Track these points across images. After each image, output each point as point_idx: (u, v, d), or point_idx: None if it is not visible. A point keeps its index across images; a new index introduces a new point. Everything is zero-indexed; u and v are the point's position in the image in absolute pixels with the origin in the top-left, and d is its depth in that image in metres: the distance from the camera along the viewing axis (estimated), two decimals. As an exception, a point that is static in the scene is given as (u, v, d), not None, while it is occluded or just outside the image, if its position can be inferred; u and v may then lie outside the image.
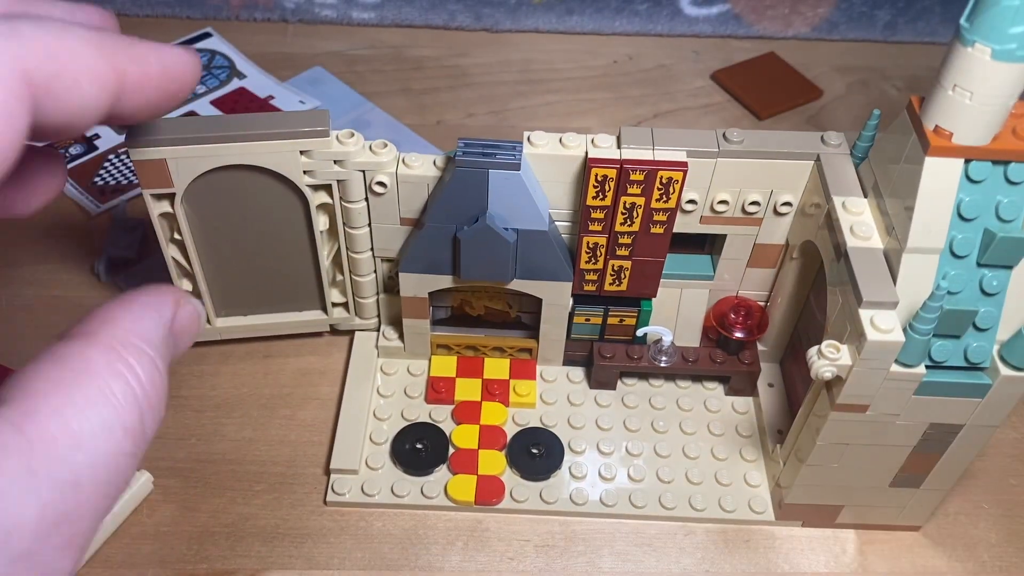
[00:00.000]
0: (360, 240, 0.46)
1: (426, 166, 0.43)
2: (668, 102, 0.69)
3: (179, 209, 0.43)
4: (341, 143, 0.42)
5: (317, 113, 0.42)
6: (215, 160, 0.41)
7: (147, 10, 0.74)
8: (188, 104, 0.66)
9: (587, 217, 0.42)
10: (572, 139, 0.42)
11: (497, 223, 0.42)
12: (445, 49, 0.73)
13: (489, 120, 0.67)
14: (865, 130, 0.41)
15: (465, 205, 0.42)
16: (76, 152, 0.62)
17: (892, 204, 0.38)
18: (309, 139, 0.41)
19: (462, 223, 0.42)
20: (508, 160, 0.40)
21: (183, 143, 0.40)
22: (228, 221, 0.45)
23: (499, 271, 0.44)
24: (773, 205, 0.44)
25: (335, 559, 0.43)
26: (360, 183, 0.43)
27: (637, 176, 0.41)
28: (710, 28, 0.75)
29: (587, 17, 0.75)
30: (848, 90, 0.71)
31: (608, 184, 0.41)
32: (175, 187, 0.42)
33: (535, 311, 0.48)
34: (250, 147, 0.41)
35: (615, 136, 0.42)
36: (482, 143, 0.41)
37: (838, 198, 0.40)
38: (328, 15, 0.74)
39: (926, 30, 0.75)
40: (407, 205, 0.44)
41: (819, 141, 0.43)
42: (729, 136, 0.42)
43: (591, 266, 0.45)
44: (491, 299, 0.48)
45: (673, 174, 0.41)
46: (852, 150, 0.42)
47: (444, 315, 0.50)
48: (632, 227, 0.43)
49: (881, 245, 0.38)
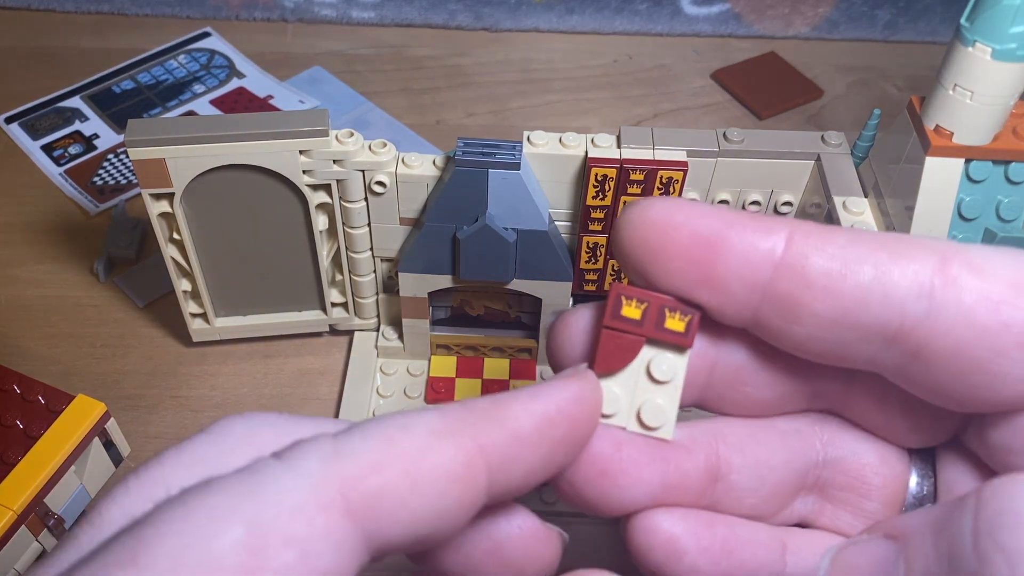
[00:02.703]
0: (359, 240, 0.46)
1: (425, 166, 0.43)
2: (668, 102, 0.69)
3: (178, 209, 0.43)
4: (340, 143, 0.42)
5: (316, 112, 0.42)
6: (214, 160, 0.41)
7: (147, 10, 0.74)
8: (187, 104, 0.66)
9: (587, 217, 0.42)
10: (572, 139, 0.42)
11: (497, 223, 0.42)
12: (445, 49, 0.73)
13: (489, 120, 0.67)
14: (866, 130, 0.41)
15: (465, 205, 0.42)
16: (75, 152, 0.62)
17: (893, 204, 0.38)
18: (308, 139, 0.41)
19: (462, 223, 0.42)
20: (508, 160, 0.40)
21: (182, 142, 0.40)
22: (227, 221, 0.45)
23: (499, 271, 0.44)
24: (774, 205, 0.44)
25: (335, 559, 0.43)
26: (359, 183, 0.43)
27: (637, 176, 0.40)
28: (710, 27, 0.75)
29: (587, 16, 0.75)
30: (848, 90, 0.71)
31: (608, 184, 0.41)
32: (174, 187, 0.42)
33: (535, 311, 0.48)
34: (249, 147, 0.41)
35: (615, 136, 0.42)
36: (482, 143, 0.41)
37: (839, 198, 0.40)
38: (328, 15, 0.74)
39: (927, 30, 0.75)
40: (406, 205, 0.44)
41: (819, 141, 0.43)
42: (729, 136, 0.42)
43: (591, 266, 0.44)
44: (491, 299, 0.48)
45: (673, 174, 0.40)
46: (852, 150, 0.42)
47: (444, 315, 0.50)
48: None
49: None
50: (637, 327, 0.21)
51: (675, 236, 0.20)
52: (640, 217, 0.20)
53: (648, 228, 0.20)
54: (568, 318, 0.22)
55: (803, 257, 0.19)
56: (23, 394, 0.41)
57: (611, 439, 0.21)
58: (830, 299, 0.19)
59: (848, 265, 0.19)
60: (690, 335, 0.21)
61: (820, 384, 0.22)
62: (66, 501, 0.40)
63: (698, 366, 0.22)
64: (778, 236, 0.19)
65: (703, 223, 0.20)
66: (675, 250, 0.20)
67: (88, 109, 0.65)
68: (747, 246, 0.19)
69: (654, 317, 0.21)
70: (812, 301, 0.19)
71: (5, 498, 0.37)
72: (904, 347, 0.19)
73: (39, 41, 0.72)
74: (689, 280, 0.20)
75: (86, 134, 0.64)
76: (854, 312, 0.19)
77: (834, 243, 0.19)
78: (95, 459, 0.41)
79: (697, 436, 0.22)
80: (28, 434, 0.39)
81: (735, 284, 0.20)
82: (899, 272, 0.19)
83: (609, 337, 0.21)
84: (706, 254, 0.20)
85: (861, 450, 0.23)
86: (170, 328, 0.51)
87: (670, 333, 0.21)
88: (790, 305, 0.19)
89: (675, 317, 0.21)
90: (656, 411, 0.21)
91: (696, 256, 0.20)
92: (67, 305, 0.52)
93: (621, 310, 0.21)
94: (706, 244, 0.20)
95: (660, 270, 0.20)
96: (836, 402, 0.23)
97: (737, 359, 0.22)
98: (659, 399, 0.21)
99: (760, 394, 0.22)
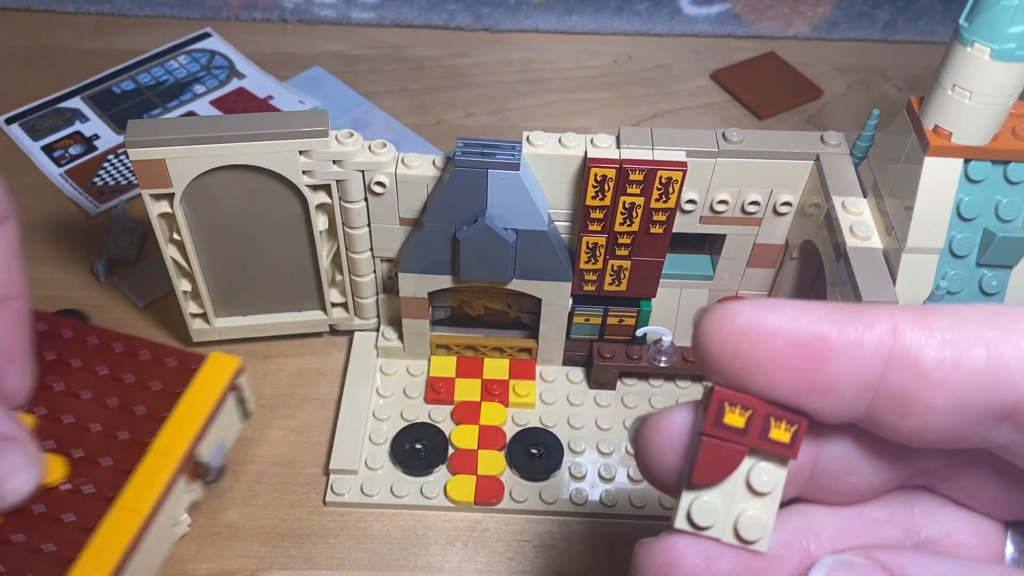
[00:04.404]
0: (359, 240, 0.46)
1: (425, 166, 0.43)
2: (668, 102, 0.69)
3: (178, 209, 0.43)
4: (340, 143, 0.42)
5: (316, 113, 0.42)
6: (214, 160, 0.41)
7: (146, 10, 0.74)
8: (188, 104, 0.66)
9: (586, 217, 0.42)
10: (571, 139, 0.42)
11: (496, 223, 0.42)
12: (444, 49, 0.73)
13: (489, 120, 0.67)
14: (865, 130, 0.41)
15: (464, 205, 0.42)
16: (75, 152, 0.62)
17: (892, 204, 0.38)
18: (308, 139, 0.41)
19: (461, 223, 0.42)
20: (507, 160, 0.40)
21: (182, 143, 0.40)
22: (227, 221, 0.45)
23: (498, 271, 0.44)
24: (773, 205, 0.44)
25: (334, 559, 0.43)
26: (359, 183, 0.43)
27: (636, 176, 0.41)
28: (710, 27, 0.75)
29: (587, 17, 0.75)
30: (848, 90, 0.71)
31: (607, 184, 0.41)
32: (174, 187, 0.42)
33: (535, 311, 0.48)
34: (249, 147, 0.41)
35: (614, 136, 0.42)
36: (481, 143, 0.41)
37: (838, 198, 0.40)
38: (327, 15, 0.74)
39: (926, 29, 0.75)
40: (406, 205, 0.44)
41: (819, 141, 0.43)
42: (729, 136, 0.42)
43: (591, 266, 0.44)
44: (490, 299, 0.48)
45: (672, 174, 0.41)
46: (852, 150, 0.42)
47: (444, 315, 0.50)
48: (631, 227, 0.42)
49: (881, 245, 0.38)
50: (741, 436, 0.19)
51: (773, 346, 0.18)
52: (729, 326, 0.19)
53: (740, 339, 0.19)
54: (661, 423, 0.21)
55: (915, 350, 0.18)
56: (155, 358, 0.41)
57: (704, 555, 0.20)
58: (946, 390, 0.18)
59: (960, 352, 0.18)
60: (795, 446, 0.20)
61: (923, 463, 0.21)
62: (211, 451, 0.40)
63: (800, 461, 0.21)
64: (882, 328, 0.18)
65: (800, 326, 0.18)
66: (775, 361, 0.18)
67: (88, 110, 0.66)
68: (853, 345, 0.18)
69: (759, 427, 0.19)
70: (927, 394, 0.18)
71: (164, 448, 0.38)
72: (1017, 422, 0.18)
73: (39, 42, 0.72)
74: (794, 390, 0.19)
75: (86, 135, 0.64)
76: (969, 400, 0.18)
77: (939, 327, 0.18)
78: (228, 413, 0.42)
79: (790, 541, 0.21)
80: (169, 391, 0.40)
81: (844, 387, 0.19)
82: (1011, 351, 0.18)
83: (710, 446, 0.20)
84: (810, 361, 0.18)
85: (955, 529, 0.22)
86: (170, 328, 0.51)
87: (775, 444, 0.19)
88: (904, 400, 0.18)
89: (781, 427, 0.19)
90: (754, 524, 0.20)
91: (800, 365, 0.18)
92: (66, 305, 0.52)
93: (724, 417, 0.19)
94: (808, 350, 0.18)
95: (759, 382, 0.19)
96: (936, 478, 0.22)
97: (841, 451, 0.21)
98: (757, 510, 0.20)
99: (865, 482, 0.21)
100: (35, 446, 0.36)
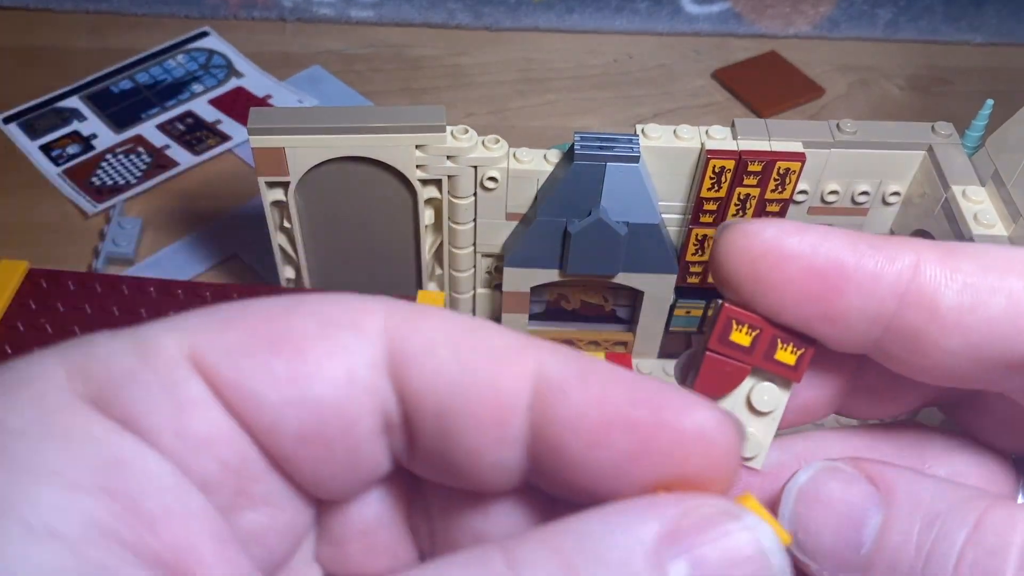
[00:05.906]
0: (463, 235, 0.46)
1: (536, 160, 0.43)
2: (668, 101, 0.69)
3: (291, 198, 0.43)
4: (456, 139, 0.42)
5: (433, 108, 0.42)
6: (332, 151, 0.41)
7: (145, 9, 0.73)
8: (186, 103, 0.66)
9: (699, 209, 0.42)
10: (686, 131, 0.42)
11: (610, 216, 0.42)
12: (444, 48, 0.73)
13: (489, 119, 0.66)
14: (977, 120, 0.42)
15: (578, 199, 0.42)
16: (73, 152, 0.62)
17: (1017, 192, 0.38)
18: (425, 133, 0.41)
19: (573, 217, 0.42)
20: (627, 153, 0.40)
21: (302, 132, 0.41)
22: (336, 211, 0.45)
23: (607, 264, 0.44)
24: (882, 195, 0.44)
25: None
26: (470, 178, 0.43)
27: (755, 167, 0.41)
28: (711, 26, 0.75)
29: (587, 16, 0.74)
30: (850, 88, 0.71)
31: (724, 176, 0.41)
32: (290, 176, 0.42)
33: (630, 304, 0.47)
34: (367, 139, 0.41)
35: (729, 128, 0.42)
36: (598, 136, 0.41)
37: (957, 187, 0.40)
38: (326, 13, 0.74)
39: (928, 28, 0.75)
40: (514, 200, 0.44)
41: (930, 131, 0.43)
42: (843, 127, 0.42)
43: (698, 258, 0.44)
44: (587, 293, 0.48)
45: (791, 165, 0.41)
46: (962, 140, 0.42)
47: (539, 310, 0.49)
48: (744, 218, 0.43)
49: (1006, 232, 0.38)
50: (745, 355, 0.19)
51: (789, 269, 0.18)
52: (747, 244, 0.18)
53: (757, 259, 0.18)
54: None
55: (933, 289, 0.18)
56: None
57: None
58: (960, 334, 0.18)
59: (979, 296, 0.17)
60: (800, 370, 0.19)
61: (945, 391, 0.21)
62: None
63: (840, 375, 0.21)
64: (903, 263, 0.18)
65: (820, 253, 0.18)
66: (790, 284, 0.18)
67: (86, 109, 0.65)
68: (870, 278, 0.18)
69: (764, 346, 0.19)
70: (939, 336, 0.18)
71: None
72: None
73: (37, 41, 0.71)
74: (806, 315, 0.18)
75: (84, 134, 0.63)
76: (983, 346, 0.18)
77: (963, 270, 0.18)
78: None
79: (788, 461, 0.21)
80: None
81: (857, 319, 0.18)
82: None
83: (713, 362, 0.20)
84: (825, 289, 0.18)
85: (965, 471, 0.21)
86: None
87: (780, 366, 0.19)
88: (915, 339, 0.18)
89: (787, 349, 0.19)
90: (751, 442, 0.20)
91: (814, 291, 0.18)
92: (65, 306, 0.52)
93: (730, 335, 0.19)
94: (825, 278, 0.18)
95: (772, 304, 0.18)
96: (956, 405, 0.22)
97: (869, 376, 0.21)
98: (756, 429, 0.20)
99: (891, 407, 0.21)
100: None
